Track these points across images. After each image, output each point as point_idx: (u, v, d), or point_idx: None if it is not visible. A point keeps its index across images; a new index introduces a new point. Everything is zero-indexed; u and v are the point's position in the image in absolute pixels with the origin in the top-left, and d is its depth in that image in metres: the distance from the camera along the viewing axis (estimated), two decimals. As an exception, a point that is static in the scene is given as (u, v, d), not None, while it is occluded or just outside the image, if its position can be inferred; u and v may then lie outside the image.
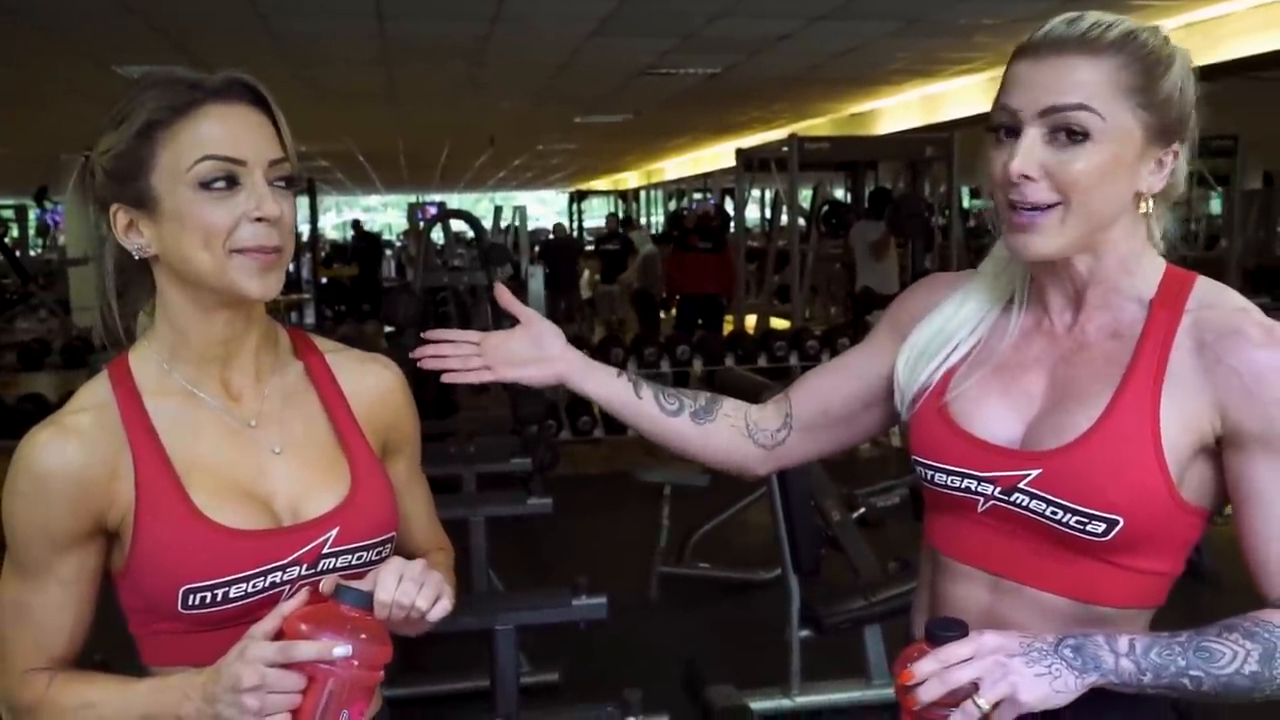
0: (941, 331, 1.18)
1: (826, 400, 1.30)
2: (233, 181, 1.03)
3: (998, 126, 1.06)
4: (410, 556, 1.25)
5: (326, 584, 1.03)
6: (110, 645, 1.15)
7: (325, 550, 1.08)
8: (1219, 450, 1.05)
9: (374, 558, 1.12)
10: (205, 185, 1.02)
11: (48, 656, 1.08)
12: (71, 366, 7.22)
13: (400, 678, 3.42)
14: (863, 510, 4.18)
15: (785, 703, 3.36)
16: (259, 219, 1.03)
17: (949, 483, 1.12)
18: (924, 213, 7.89)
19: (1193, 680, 0.97)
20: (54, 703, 1.07)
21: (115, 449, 1.05)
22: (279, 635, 0.99)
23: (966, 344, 1.17)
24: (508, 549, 4.22)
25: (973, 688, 0.95)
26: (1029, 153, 1.02)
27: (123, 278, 1.12)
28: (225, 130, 1.03)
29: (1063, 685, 0.96)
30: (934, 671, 0.96)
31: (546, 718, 2.15)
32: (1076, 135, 1.01)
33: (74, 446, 1.04)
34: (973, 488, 1.10)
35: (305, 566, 1.07)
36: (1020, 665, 0.96)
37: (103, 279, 1.11)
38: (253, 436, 1.11)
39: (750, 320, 9.09)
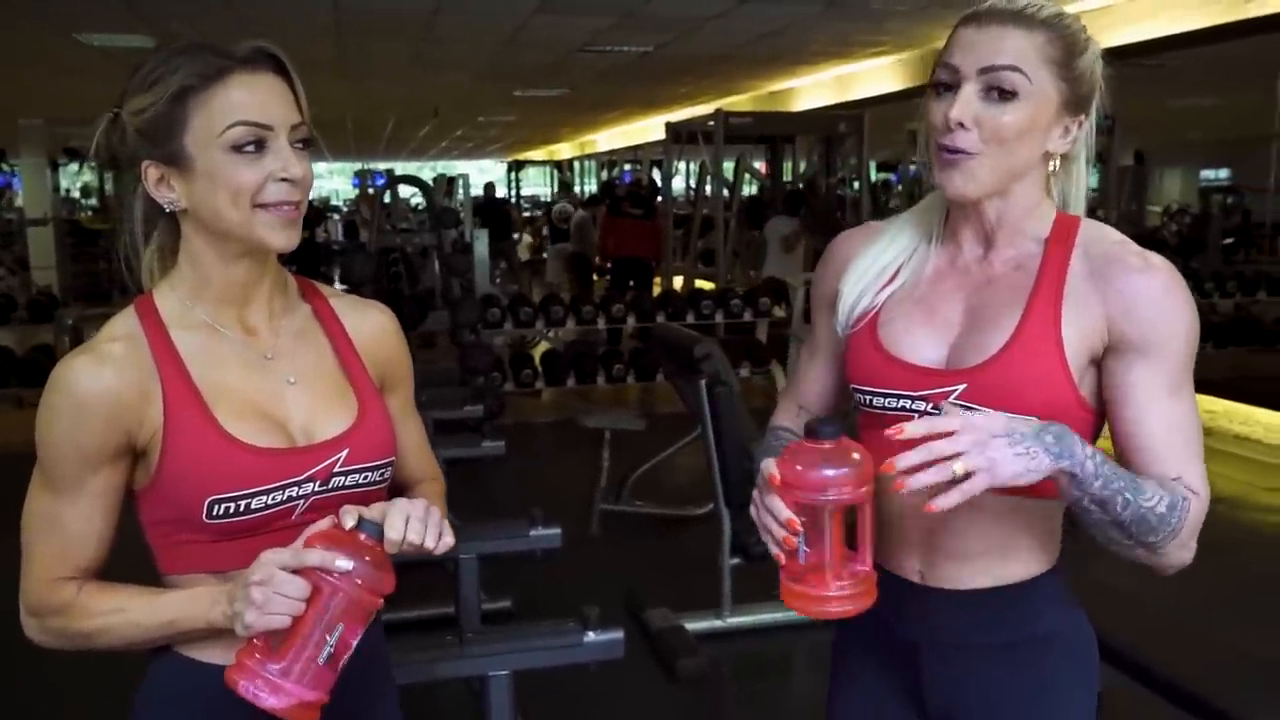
0: (880, 259, 1.24)
1: (824, 384, 1.35)
2: (261, 145, 1.05)
3: (939, 83, 1.13)
4: (405, 482, 1.28)
5: (350, 518, 1.04)
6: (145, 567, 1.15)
7: (336, 469, 1.11)
8: (1102, 360, 1.13)
9: (377, 478, 1.14)
10: (237, 148, 1.04)
11: (74, 566, 1.08)
12: (37, 321, 6.99)
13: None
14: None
15: (717, 623, 3.47)
16: (284, 179, 1.05)
17: (885, 404, 1.18)
18: (836, 212, 7.93)
19: (1122, 502, 1.04)
20: (84, 606, 1.07)
21: (145, 374, 1.06)
22: None
23: (906, 270, 1.22)
24: (460, 489, 4.20)
25: (954, 457, 0.98)
26: (966, 103, 1.10)
27: (146, 227, 1.12)
28: (253, 97, 1.05)
29: (1036, 466, 1.00)
30: (923, 434, 1.00)
31: (507, 635, 2.19)
32: (1007, 93, 1.09)
33: (109, 370, 1.05)
34: (908, 406, 1.16)
35: (319, 483, 1.10)
36: (1002, 444, 0.99)
37: (130, 227, 1.11)
38: (270, 367, 1.13)
39: (677, 281, 9.14)
